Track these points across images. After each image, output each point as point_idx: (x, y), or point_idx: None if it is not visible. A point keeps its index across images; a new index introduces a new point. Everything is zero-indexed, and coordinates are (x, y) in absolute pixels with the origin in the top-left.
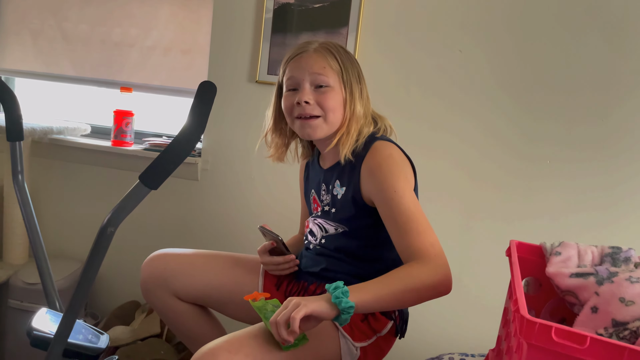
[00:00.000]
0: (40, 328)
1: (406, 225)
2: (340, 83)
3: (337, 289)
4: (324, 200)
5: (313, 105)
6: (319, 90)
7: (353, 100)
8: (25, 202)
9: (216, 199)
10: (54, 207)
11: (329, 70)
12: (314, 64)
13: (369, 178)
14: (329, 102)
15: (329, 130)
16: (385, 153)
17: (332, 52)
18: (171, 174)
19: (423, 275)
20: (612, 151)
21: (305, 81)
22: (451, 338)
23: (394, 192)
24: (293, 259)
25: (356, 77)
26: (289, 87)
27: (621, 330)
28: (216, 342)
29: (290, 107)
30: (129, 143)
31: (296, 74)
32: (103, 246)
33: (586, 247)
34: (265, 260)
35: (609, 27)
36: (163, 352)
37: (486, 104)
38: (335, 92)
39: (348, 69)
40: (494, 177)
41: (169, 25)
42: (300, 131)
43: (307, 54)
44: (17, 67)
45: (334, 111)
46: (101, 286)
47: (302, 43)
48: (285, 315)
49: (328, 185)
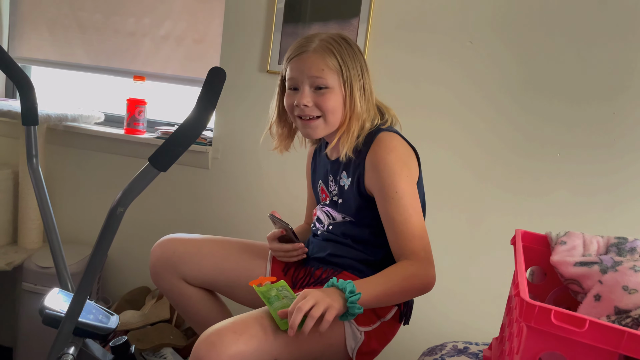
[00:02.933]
0: (52, 307)
1: (402, 227)
2: (340, 82)
3: (352, 295)
4: (333, 191)
5: (312, 107)
6: (318, 92)
7: (353, 99)
8: (40, 185)
9: (226, 187)
10: (67, 194)
11: (328, 72)
12: (312, 67)
13: (372, 172)
14: (328, 103)
15: (329, 129)
16: (389, 146)
17: (332, 51)
18: (182, 163)
19: (415, 280)
20: (623, 146)
21: (304, 83)
22: (455, 326)
23: (394, 192)
24: (302, 247)
25: (358, 72)
26: (289, 86)
27: (623, 317)
28: (222, 324)
29: (291, 106)
30: (142, 131)
31: (295, 75)
32: (113, 226)
33: (592, 237)
34: (274, 247)
35: (622, 23)
36: (172, 337)
37: (498, 95)
38: (335, 92)
39: (348, 66)
40: (502, 165)
41: (182, 15)
42: (301, 130)
43: (307, 54)
44: (33, 55)
45: (333, 112)
46: (112, 272)
47: (303, 40)
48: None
49: (335, 176)
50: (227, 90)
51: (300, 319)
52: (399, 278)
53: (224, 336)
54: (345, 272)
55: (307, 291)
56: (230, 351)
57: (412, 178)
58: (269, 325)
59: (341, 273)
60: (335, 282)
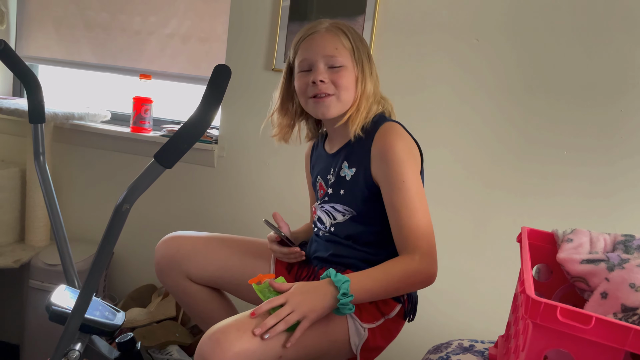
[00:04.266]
0: (59, 304)
1: (408, 218)
2: (353, 61)
3: (345, 297)
4: (329, 182)
5: (328, 83)
6: (332, 70)
7: (364, 78)
8: (46, 182)
9: (232, 185)
10: (74, 192)
11: (342, 50)
12: (327, 45)
13: (379, 160)
14: (343, 80)
15: (342, 108)
16: (396, 134)
17: (344, 31)
18: (188, 161)
19: (416, 277)
20: (632, 145)
21: (319, 62)
22: (461, 324)
23: (402, 182)
24: (298, 251)
25: (366, 55)
26: (302, 69)
27: (630, 315)
28: (226, 321)
29: (304, 87)
30: (148, 129)
31: (309, 55)
32: (119, 223)
33: (598, 234)
34: (274, 248)
35: (630, 20)
36: (178, 334)
37: (503, 96)
38: (349, 70)
39: (359, 47)
40: (507, 164)
41: (188, 14)
42: (314, 110)
43: (319, 34)
44: (40, 54)
45: (347, 89)
46: (119, 269)
47: (312, 23)
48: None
49: (335, 168)
50: (232, 88)
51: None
52: (399, 274)
53: (229, 334)
54: (348, 270)
55: (291, 295)
56: (235, 348)
57: (418, 169)
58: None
59: (344, 272)
60: (333, 275)
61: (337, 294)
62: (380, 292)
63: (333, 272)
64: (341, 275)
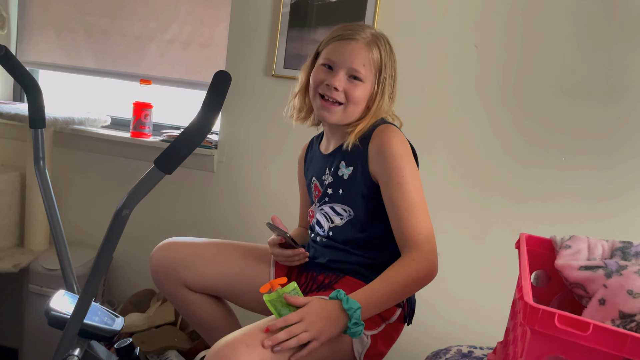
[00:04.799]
0: (58, 308)
1: (407, 213)
2: (375, 79)
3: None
4: (326, 182)
5: (341, 92)
6: (350, 80)
7: (382, 98)
8: (46, 187)
9: (231, 191)
10: (74, 196)
11: (369, 66)
12: (357, 58)
13: (377, 157)
14: (356, 93)
15: (345, 119)
16: (393, 132)
17: (379, 49)
18: (188, 166)
19: (419, 275)
20: (629, 151)
21: (341, 68)
22: (460, 330)
23: (401, 176)
24: (303, 252)
25: (392, 75)
26: (325, 63)
27: (628, 322)
28: (234, 336)
29: (319, 82)
30: (148, 135)
31: (337, 58)
32: (118, 228)
33: (596, 241)
34: (276, 252)
35: (627, 29)
36: (177, 339)
37: (503, 100)
38: (366, 86)
39: (387, 66)
40: (508, 170)
41: (188, 19)
42: (317, 110)
43: (356, 43)
44: (41, 59)
45: (356, 104)
46: (118, 274)
47: (355, 26)
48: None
49: (331, 168)
50: (232, 93)
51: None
52: (403, 281)
53: (237, 349)
54: (348, 276)
55: (306, 314)
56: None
57: (415, 166)
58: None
59: (344, 278)
60: (345, 302)
61: (349, 322)
62: (388, 304)
63: (344, 297)
64: (352, 301)
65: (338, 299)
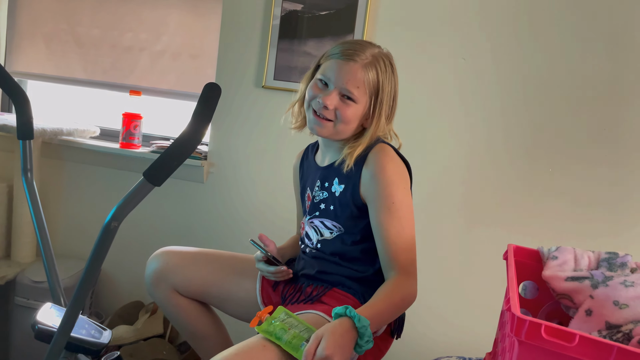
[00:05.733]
0: (45, 322)
1: (395, 239)
2: (369, 100)
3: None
4: (317, 197)
5: (331, 111)
6: (343, 100)
7: (379, 121)
8: (34, 199)
9: (221, 201)
10: (62, 208)
11: (362, 89)
12: (352, 80)
13: (370, 182)
14: (347, 113)
15: (334, 135)
16: (388, 156)
17: (377, 71)
18: (178, 177)
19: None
20: (614, 161)
21: (336, 87)
22: (449, 341)
23: (391, 202)
24: (285, 270)
25: (391, 96)
26: (321, 78)
27: (614, 332)
28: (226, 353)
29: (312, 97)
30: (137, 145)
31: (332, 76)
32: (107, 240)
33: (583, 252)
34: (261, 268)
35: (611, 38)
36: (165, 352)
37: (490, 112)
38: (358, 107)
39: (385, 88)
40: (495, 181)
41: (179, 31)
42: (309, 122)
43: (354, 64)
44: (30, 69)
45: (347, 123)
46: (106, 286)
47: (357, 45)
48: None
49: (324, 183)
50: (223, 105)
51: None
52: (399, 302)
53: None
54: (335, 288)
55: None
56: None
57: (408, 190)
58: (272, 350)
59: (331, 290)
60: (356, 319)
61: (359, 339)
62: (384, 323)
63: (355, 315)
64: (363, 319)
65: (348, 317)
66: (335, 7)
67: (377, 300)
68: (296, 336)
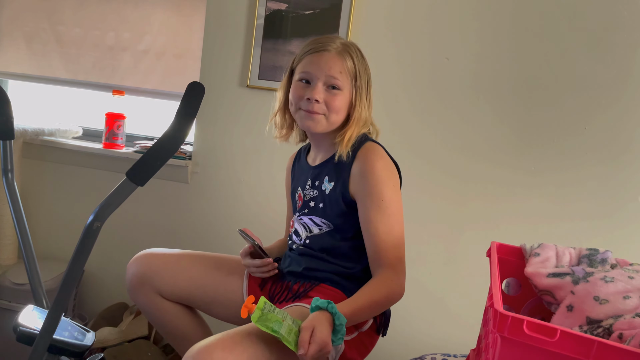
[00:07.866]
0: (27, 324)
1: (384, 236)
2: (352, 86)
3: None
4: (307, 195)
5: (321, 104)
6: (330, 91)
7: (361, 104)
8: (15, 200)
9: (206, 202)
10: (44, 209)
11: (344, 75)
12: (333, 67)
13: (359, 179)
14: (336, 103)
15: (328, 127)
16: (377, 154)
17: (351, 56)
18: (162, 177)
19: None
20: (595, 159)
21: (319, 80)
22: (434, 339)
23: (381, 200)
24: (271, 262)
25: (366, 81)
26: (301, 78)
27: (595, 327)
28: (210, 340)
29: (299, 98)
30: (120, 146)
31: (313, 70)
32: (89, 241)
33: (564, 248)
34: (246, 262)
35: (591, 38)
36: (150, 354)
37: (473, 111)
38: (344, 94)
39: (361, 73)
40: (480, 181)
41: (162, 30)
42: (301, 122)
43: (328, 53)
44: (10, 69)
45: (337, 112)
46: (89, 288)
47: (325, 38)
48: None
49: (315, 181)
50: (207, 104)
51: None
52: (383, 299)
53: (213, 353)
54: (323, 284)
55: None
56: None
57: (397, 188)
58: (257, 341)
59: (319, 285)
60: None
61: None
62: (364, 318)
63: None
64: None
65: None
66: (320, 7)
67: (360, 296)
68: (290, 328)
